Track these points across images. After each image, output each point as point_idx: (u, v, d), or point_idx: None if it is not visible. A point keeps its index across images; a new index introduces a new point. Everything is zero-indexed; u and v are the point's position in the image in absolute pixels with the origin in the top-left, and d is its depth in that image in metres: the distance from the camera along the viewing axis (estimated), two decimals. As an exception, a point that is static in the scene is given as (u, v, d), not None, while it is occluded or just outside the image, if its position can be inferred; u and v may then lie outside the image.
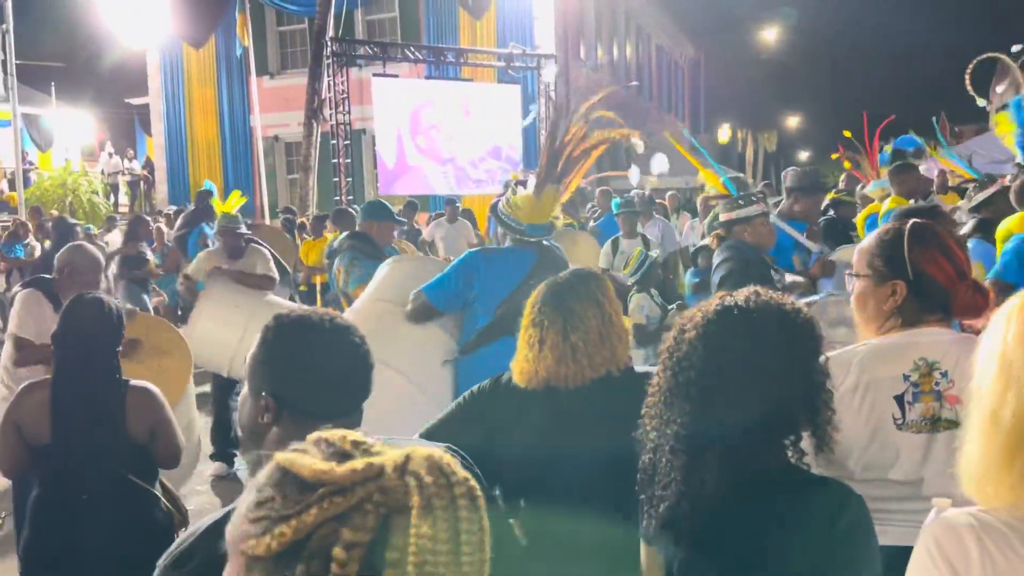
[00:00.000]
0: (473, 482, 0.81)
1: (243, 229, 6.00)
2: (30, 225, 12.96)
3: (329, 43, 14.76)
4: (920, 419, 1.84)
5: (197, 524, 1.30)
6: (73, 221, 10.87)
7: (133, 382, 2.73)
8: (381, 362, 2.85)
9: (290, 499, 0.78)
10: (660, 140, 27.70)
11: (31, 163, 21.39)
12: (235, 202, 6.26)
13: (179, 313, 8.99)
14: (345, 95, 15.05)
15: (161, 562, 1.25)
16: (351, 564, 0.74)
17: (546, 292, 2.12)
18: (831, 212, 6.04)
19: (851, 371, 1.88)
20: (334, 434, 0.85)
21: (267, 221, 13.54)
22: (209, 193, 9.75)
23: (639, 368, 2.19)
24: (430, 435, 2.06)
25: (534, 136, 16.86)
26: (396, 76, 15.64)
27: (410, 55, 16.08)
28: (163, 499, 2.74)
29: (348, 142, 15.33)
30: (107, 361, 2.70)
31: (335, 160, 15.16)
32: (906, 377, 1.86)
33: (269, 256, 5.92)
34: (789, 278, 3.88)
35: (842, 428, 1.74)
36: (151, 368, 3.71)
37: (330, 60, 14.82)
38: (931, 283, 1.89)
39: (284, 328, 1.46)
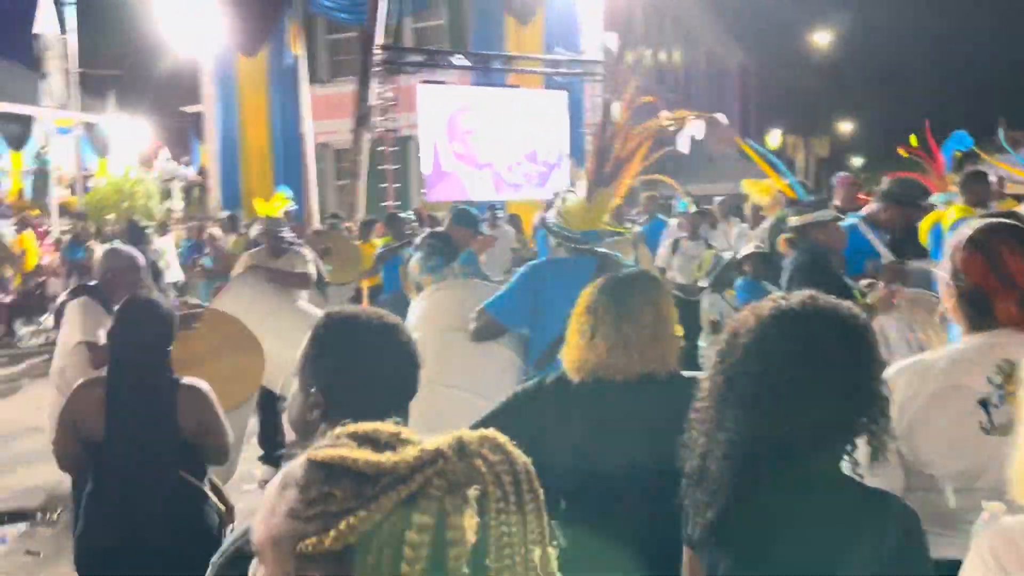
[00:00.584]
0: (529, 463, 0.85)
1: (285, 232, 6.11)
2: (91, 229, 13.36)
3: (378, 51, 14.95)
4: (1008, 422, 1.78)
5: (247, 523, 1.33)
6: (144, 224, 11.20)
7: (185, 380, 2.79)
8: (453, 386, 2.84)
9: (350, 493, 0.79)
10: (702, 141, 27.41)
11: (89, 169, 22.04)
12: (279, 204, 6.38)
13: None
14: (393, 102, 15.22)
15: (215, 559, 1.28)
16: (422, 547, 0.77)
17: (602, 285, 2.14)
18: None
19: (932, 378, 1.82)
20: (367, 428, 0.87)
21: (316, 226, 13.72)
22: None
23: (686, 373, 2.19)
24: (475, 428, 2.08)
25: (580, 144, 16.85)
26: (443, 83, 15.77)
27: (457, 62, 16.21)
28: (212, 495, 2.80)
29: (396, 148, 15.50)
30: (159, 359, 2.78)
31: (382, 166, 15.33)
32: (990, 380, 1.79)
33: (309, 259, 6.01)
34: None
35: (926, 438, 1.70)
36: (223, 366, 3.79)
37: (379, 68, 15.00)
38: (979, 291, 1.85)
39: (334, 325, 1.50)
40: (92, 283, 4.13)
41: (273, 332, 4.32)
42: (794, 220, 3.87)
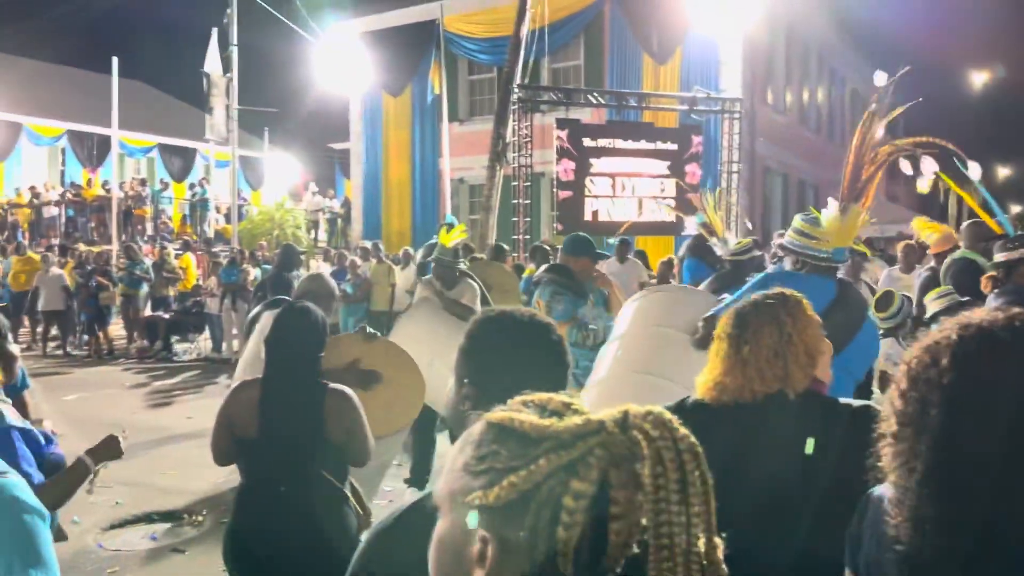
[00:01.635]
0: (693, 438, 0.83)
1: (459, 263, 6.29)
2: (245, 254, 14.24)
3: (516, 90, 15.33)
4: None
5: (394, 510, 1.36)
6: (301, 249, 11.87)
7: (332, 385, 2.91)
8: (668, 379, 2.84)
9: (515, 452, 0.82)
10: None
11: (245, 200, 23.57)
12: (456, 235, 6.57)
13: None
14: (528, 139, 15.52)
15: (377, 527, 1.33)
16: (578, 514, 0.78)
17: (735, 309, 2.16)
18: None
19: None
20: (541, 396, 0.90)
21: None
22: (451, 225, 10.33)
23: (843, 399, 2.10)
24: None
25: (715, 182, 16.59)
26: (578, 120, 15.96)
27: (593, 100, 16.37)
28: (352, 498, 2.91)
29: (528, 184, 15.76)
30: (310, 365, 2.91)
31: (515, 201, 15.62)
32: None
33: (478, 291, 6.17)
34: None
35: None
36: (384, 393, 3.92)
37: (516, 106, 15.37)
38: None
39: (487, 321, 1.56)
40: (287, 298, 4.37)
41: (444, 358, 4.44)
42: (999, 257, 3.65)
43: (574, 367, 4.59)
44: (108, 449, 2.74)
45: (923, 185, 4.54)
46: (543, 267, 5.19)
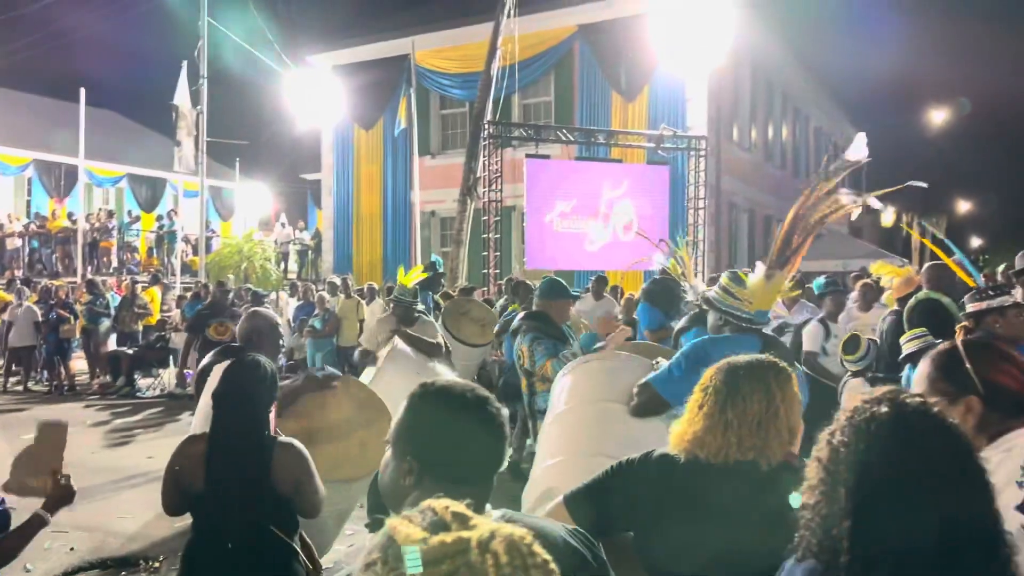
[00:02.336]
0: (552, 565, 0.85)
1: (417, 303, 6.35)
2: (211, 288, 14.11)
3: (487, 126, 15.48)
4: None
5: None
6: (262, 291, 11.85)
7: (281, 438, 2.92)
8: (615, 457, 2.85)
9: (389, 565, 0.85)
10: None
11: (214, 231, 23.41)
12: (415, 276, 6.60)
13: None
14: (499, 174, 15.66)
15: None
16: None
17: (725, 365, 2.12)
18: None
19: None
20: (439, 503, 0.93)
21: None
22: (434, 264, 10.34)
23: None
24: (573, 498, 2.12)
25: (683, 218, 16.80)
26: (548, 156, 16.14)
27: (562, 136, 16.58)
28: (301, 552, 2.89)
29: (499, 218, 15.87)
30: (259, 419, 2.90)
31: (485, 235, 15.71)
32: (1020, 484, 1.75)
33: (438, 328, 6.19)
34: None
35: None
36: (355, 437, 3.90)
37: (487, 142, 15.51)
38: (1004, 392, 1.86)
39: (429, 397, 1.56)
40: (235, 344, 4.32)
41: None
42: (970, 308, 3.74)
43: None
44: (61, 498, 2.72)
45: (887, 218, 4.70)
46: (522, 315, 5.22)
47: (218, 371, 3.99)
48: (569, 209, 15.46)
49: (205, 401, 3.85)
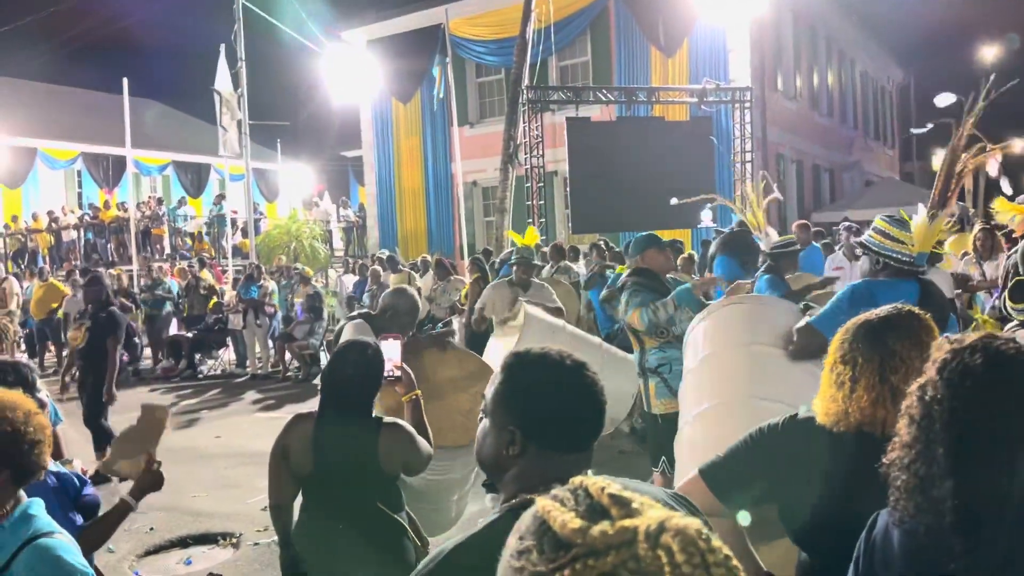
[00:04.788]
0: (734, 562, 0.77)
1: (537, 265, 6.27)
2: (263, 269, 14.31)
3: (524, 91, 15.32)
4: None
5: (438, 550, 1.38)
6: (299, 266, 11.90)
7: (386, 420, 2.92)
8: (776, 400, 2.72)
9: (546, 555, 0.78)
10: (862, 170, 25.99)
11: (261, 213, 23.71)
12: (532, 236, 6.52)
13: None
14: (539, 139, 15.51)
15: None
16: None
17: (860, 328, 1.93)
18: None
19: None
20: (594, 484, 0.84)
21: (465, 262, 14.15)
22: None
23: None
24: (713, 469, 1.99)
25: (729, 172, 16.51)
26: (588, 118, 15.92)
27: (602, 97, 16.33)
28: (409, 528, 2.93)
29: (541, 184, 15.75)
30: (362, 401, 2.91)
31: (528, 202, 15.62)
32: None
33: (552, 292, 6.13)
34: None
35: None
36: (464, 399, 3.93)
37: (525, 107, 15.36)
38: None
39: (527, 364, 1.52)
40: (372, 312, 4.44)
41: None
42: None
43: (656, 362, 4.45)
44: (150, 484, 2.76)
45: (1006, 187, 4.56)
46: (627, 271, 5.05)
47: (349, 327, 4.10)
48: (611, 170, 15.26)
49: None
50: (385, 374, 3.02)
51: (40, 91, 27.08)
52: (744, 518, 1.98)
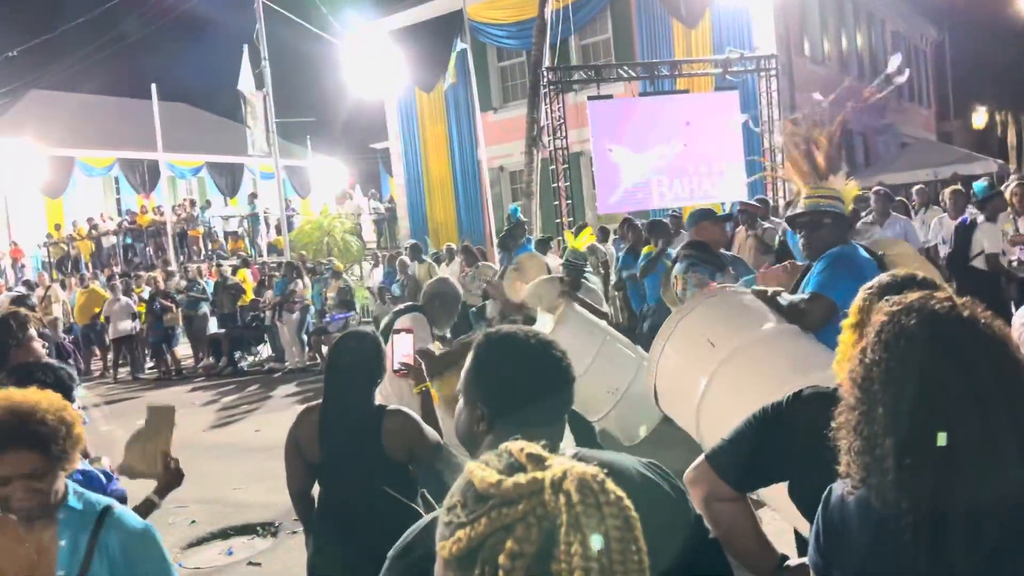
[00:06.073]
0: (626, 502, 0.84)
1: (587, 267, 6.22)
2: (296, 265, 14.51)
3: (545, 73, 15.25)
4: None
5: (426, 518, 1.44)
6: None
7: (390, 407, 2.97)
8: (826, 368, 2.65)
9: (468, 507, 0.86)
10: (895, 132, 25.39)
11: (294, 209, 23.99)
12: (586, 238, 6.42)
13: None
14: (562, 120, 15.44)
15: (390, 553, 1.39)
16: (516, 572, 0.80)
17: (885, 288, 1.88)
18: None
19: None
20: (515, 446, 0.92)
21: (495, 248, 14.19)
22: (512, 215, 10.31)
23: None
24: (719, 454, 1.95)
25: (756, 141, 16.27)
26: (610, 96, 15.80)
27: (624, 74, 16.19)
28: (424, 513, 2.98)
29: (567, 166, 15.69)
30: (364, 389, 2.96)
31: (555, 184, 15.59)
32: None
33: (601, 294, 6.13)
34: None
35: None
36: None
37: (547, 88, 15.30)
38: None
39: (494, 344, 1.59)
40: (417, 304, 4.52)
41: (597, 368, 4.47)
42: None
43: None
44: (171, 482, 2.83)
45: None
46: (681, 246, 5.01)
47: (406, 319, 4.18)
48: (638, 148, 15.15)
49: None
50: (394, 368, 3.06)
51: (74, 101, 27.62)
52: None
